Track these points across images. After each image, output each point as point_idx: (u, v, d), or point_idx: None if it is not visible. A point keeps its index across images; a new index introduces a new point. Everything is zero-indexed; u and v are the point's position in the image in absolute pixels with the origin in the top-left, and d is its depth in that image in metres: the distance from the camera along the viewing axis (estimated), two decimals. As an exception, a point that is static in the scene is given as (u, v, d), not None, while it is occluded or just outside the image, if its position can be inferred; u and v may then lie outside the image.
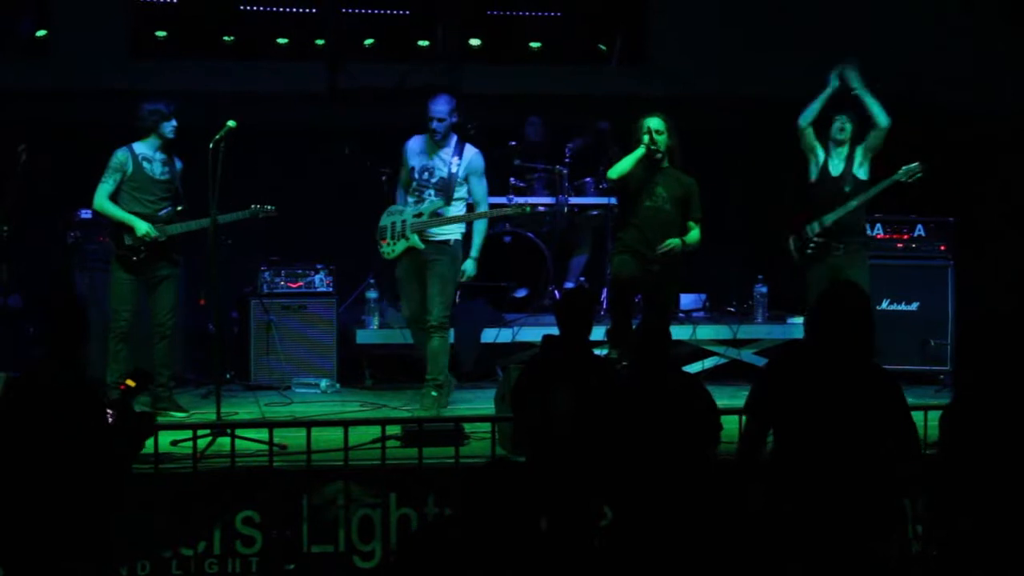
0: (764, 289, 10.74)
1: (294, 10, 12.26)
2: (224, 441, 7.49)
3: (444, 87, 10.73)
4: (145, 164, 8.89)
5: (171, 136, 8.91)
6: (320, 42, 12.17)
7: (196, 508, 7.08)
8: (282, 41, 12.20)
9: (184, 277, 10.10)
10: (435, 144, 9.08)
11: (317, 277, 10.34)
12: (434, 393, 9.04)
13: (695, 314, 10.88)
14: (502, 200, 10.87)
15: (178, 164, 9.02)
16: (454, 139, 9.12)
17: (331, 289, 10.37)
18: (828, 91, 9.11)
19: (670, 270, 8.85)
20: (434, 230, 9.08)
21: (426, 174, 9.11)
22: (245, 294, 10.38)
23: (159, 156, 8.93)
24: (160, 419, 8.68)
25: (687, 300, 10.99)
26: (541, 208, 10.62)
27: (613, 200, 10.40)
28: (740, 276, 11.34)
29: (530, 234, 10.88)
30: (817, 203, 9.22)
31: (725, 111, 11.79)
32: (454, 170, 9.06)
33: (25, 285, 10.06)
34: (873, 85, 8.98)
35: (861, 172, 9.20)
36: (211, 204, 8.40)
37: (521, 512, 4.98)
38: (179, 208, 8.96)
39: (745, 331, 10.49)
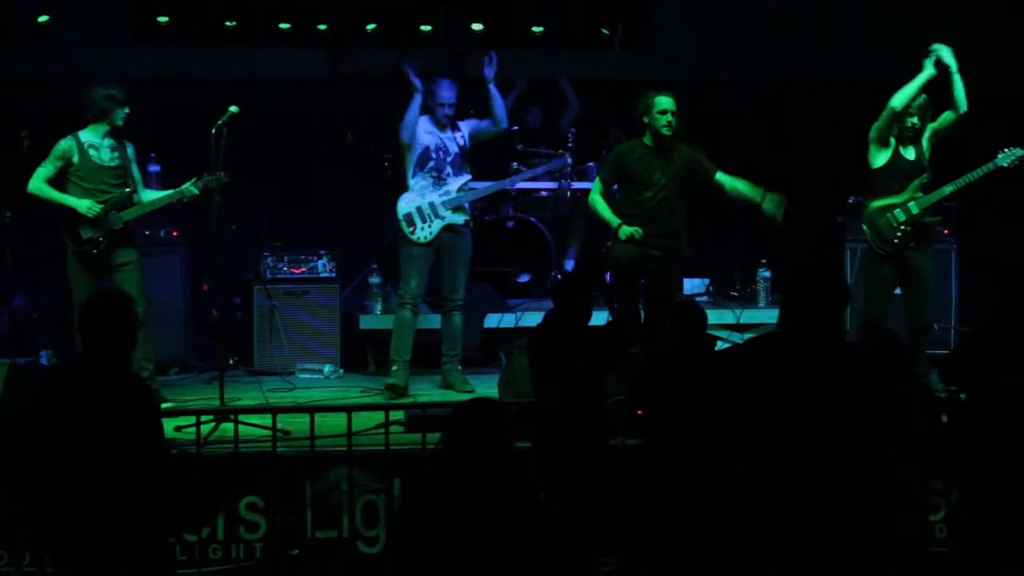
0: (767, 273, 10.76)
1: (296, -5, 12.25)
2: (228, 427, 7.50)
3: (446, 72, 10.74)
4: (92, 151, 8.60)
5: (120, 124, 8.64)
6: (322, 27, 12.15)
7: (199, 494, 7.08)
8: (284, 26, 12.17)
9: (187, 263, 10.14)
10: (440, 126, 9.35)
11: (320, 263, 10.33)
12: (460, 367, 9.48)
13: (698, 298, 10.86)
14: (504, 185, 10.86)
15: (129, 148, 8.75)
16: None
17: (334, 275, 10.36)
18: (926, 76, 8.51)
19: (672, 252, 8.78)
20: (465, 206, 9.43)
21: (442, 153, 9.36)
22: (248, 280, 10.38)
23: (107, 142, 8.64)
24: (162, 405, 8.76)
25: (690, 285, 10.97)
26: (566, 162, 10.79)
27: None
28: (743, 260, 11.35)
29: (532, 219, 10.88)
30: (889, 188, 8.72)
31: (728, 95, 11.77)
32: (463, 143, 9.40)
33: (27, 272, 10.08)
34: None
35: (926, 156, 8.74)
36: (214, 191, 8.41)
37: (499, 445, 4.95)
38: (127, 191, 8.66)
39: (748, 315, 10.51)
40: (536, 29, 12.54)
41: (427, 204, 9.29)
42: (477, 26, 12.33)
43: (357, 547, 7.24)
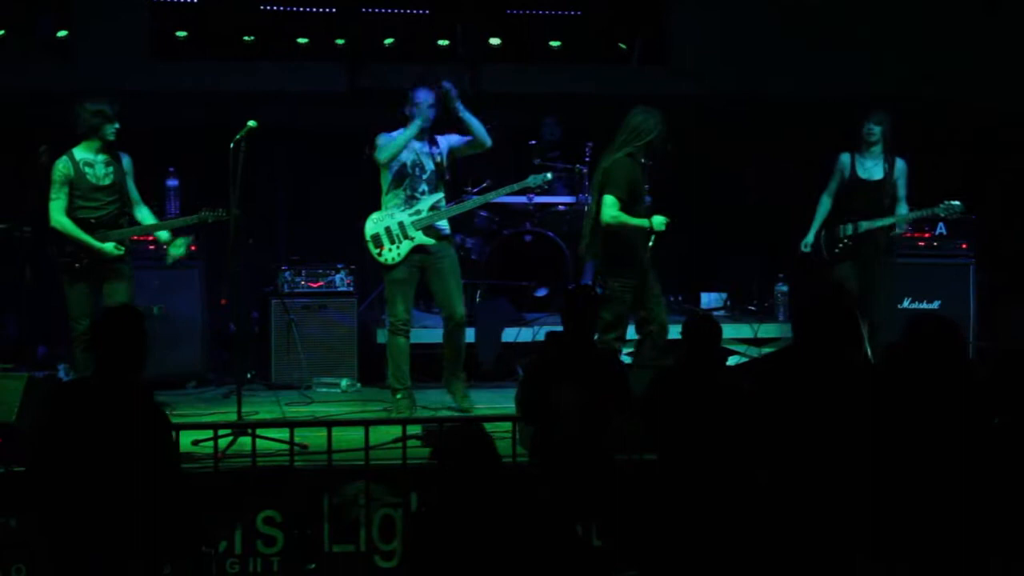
0: (785, 288, 10.74)
1: (314, 10, 12.26)
2: (245, 441, 7.50)
3: (463, 86, 10.75)
4: (87, 170, 8.44)
5: (111, 139, 8.45)
6: (340, 42, 12.17)
7: (217, 507, 7.08)
8: (302, 41, 12.19)
9: (205, 277, 10.15)
10: (419, 135, 8.91)
11: (337, 277, 10.34)
12: (463, 383, 9.14)
13: (716, 313, 10.85)
14: (522, 200, 10.89)
15: (125, 161, 8.59)
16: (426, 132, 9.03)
17: (351, 289, 10.37)
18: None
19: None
20: (438, 224, 9.00)
21: (418, 169, 8.96)
22: (266, 294, 10.39)
23: (100, 158, 8.48)
24: (180, 419, 8.77)
25: (708, 299, 10.98)
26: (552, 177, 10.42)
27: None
28: (761, 275, 11.33)
29: (550, 233, 10.89)
30: (851, 205, 9.39)
31: (745, 110, 11.77)
32: (439, 160, 8.98)
33: (45, 288, 10.09)
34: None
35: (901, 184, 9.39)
36: (232, 203, 8.41)
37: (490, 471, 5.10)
38: (123, 209, 8.53)
39: (766, 330, 10.50)
40: (554, 44, 12.54)
41: (396, 224, 8.93)
42: (495, 41, 12.34)
43: (374, 561, 7.23)
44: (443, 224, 9.04)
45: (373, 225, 9.00)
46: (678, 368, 6.67)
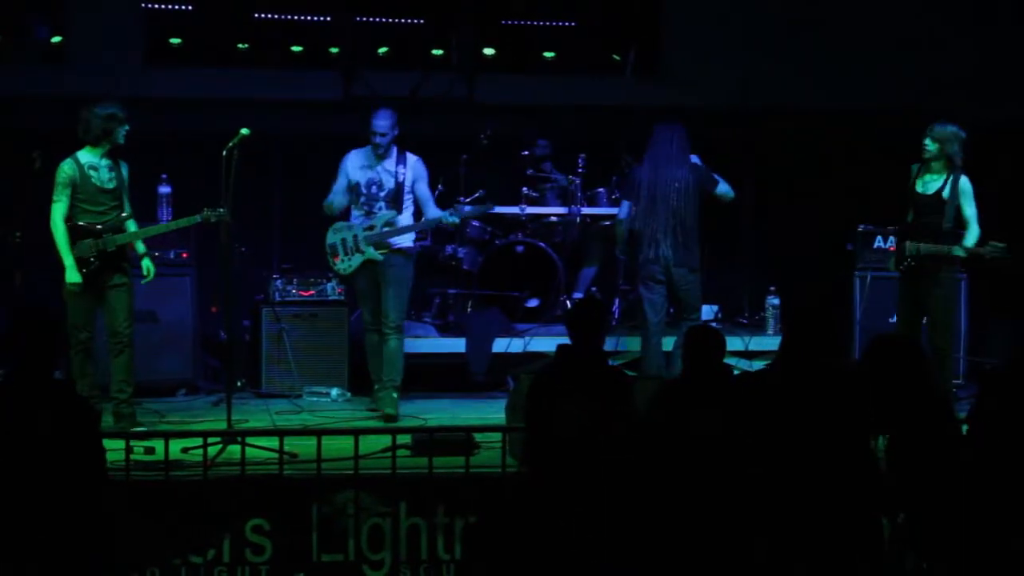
0: (776, 301, 10.74)
1: (309, 18, 12.27)
2: (235, 449, 7.48)
3: (457, 96, 10.77)
4: (92, 173, 8.46)
5: (122, 142, 8.51)
6: (334, 50, 12.18)
7: (206, 515, 7.07)
8: (296, 49, 12.21)
9: (197, 284, 10.15)
10: (378, 157, 9.28)
11: (329, 285, 10.34)
12: (395, 394, 9.29)
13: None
14: (515, 210, 10.90)
15: (124, 168, 8.63)
16: (395, 149, 9.31)
17: (342, 298, 10.37)
18: None
19: None
20: (391, 240, 9.27)
21: (375, 187, 9.31)
22: (257, 302, 10.38)
23: (105, 163, 8.51)
24: (169, 427, 8.78)
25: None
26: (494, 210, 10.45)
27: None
28: (752, 288, 11.33)
29: (542, 244, 10.89)
30: (911, 216, 9.05)
31: (739, 122, 11.78)
32: (401, 180, 9.27)
33: (37, 291, 10.09)
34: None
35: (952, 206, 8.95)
36: (225, 211, 8.40)
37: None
38: (123, 215, 8.56)
39: (757, 343, 10.49)
40: (548, 55, 12.56)
41: (351, 237, 9.32)
42: (489, 51, 12.35)
43: (363, 571, 7.22)
44: (396, 239, 9.29)
45: (333, 235, 9.41)
46: (680, 380, 6.65)
